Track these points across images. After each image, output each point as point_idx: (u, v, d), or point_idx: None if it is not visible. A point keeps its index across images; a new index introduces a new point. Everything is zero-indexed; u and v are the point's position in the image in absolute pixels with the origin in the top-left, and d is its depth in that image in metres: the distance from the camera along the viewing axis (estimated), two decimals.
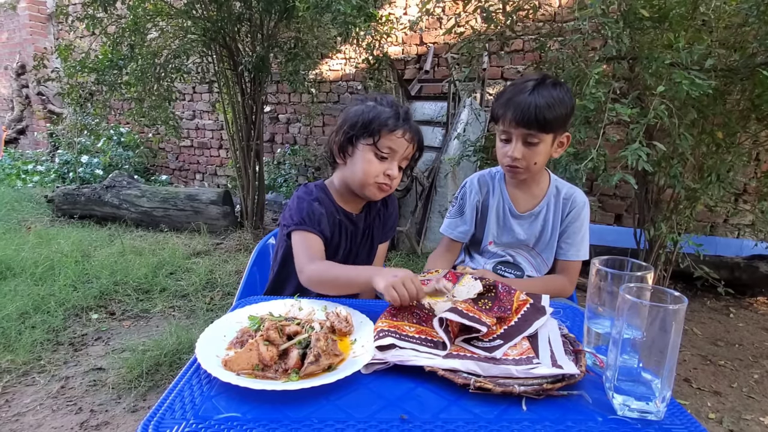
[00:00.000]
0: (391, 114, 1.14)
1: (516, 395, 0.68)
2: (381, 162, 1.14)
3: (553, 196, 1.33)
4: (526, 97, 1.16)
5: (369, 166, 1.14)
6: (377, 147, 1.13)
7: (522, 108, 1.16)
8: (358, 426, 0.62)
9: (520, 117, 1.17)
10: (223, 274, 3.02)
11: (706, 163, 2.18)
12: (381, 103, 1.17)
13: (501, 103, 1.22)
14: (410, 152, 1.18)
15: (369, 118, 1.14)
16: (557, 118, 1.17)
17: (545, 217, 1.33)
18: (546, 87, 1.17)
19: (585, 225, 1.32)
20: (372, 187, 1.17)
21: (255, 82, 3.71)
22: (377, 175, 1.14)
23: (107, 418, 1.65)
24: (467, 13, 2.40)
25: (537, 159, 1.22)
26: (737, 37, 1.99)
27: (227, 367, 0.72)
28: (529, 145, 1.20)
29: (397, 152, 1.15)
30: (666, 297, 0.66)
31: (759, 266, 2.83)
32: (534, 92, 1.16)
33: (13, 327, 2.15)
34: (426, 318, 0.89)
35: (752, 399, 1.88)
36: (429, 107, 3.88)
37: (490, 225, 1.37)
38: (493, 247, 1.37)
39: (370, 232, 1.30)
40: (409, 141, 1.15)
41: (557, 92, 1.17)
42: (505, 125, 1.21)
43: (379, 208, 1.31)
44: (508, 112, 1.19)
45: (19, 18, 6.54)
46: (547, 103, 1.15)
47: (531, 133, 1.18)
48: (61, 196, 4.37)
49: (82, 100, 3.92)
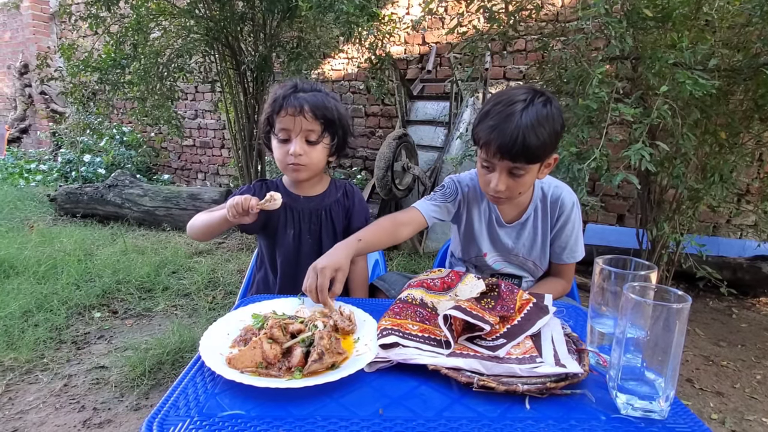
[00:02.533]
0: (279, 96, 1.19)
1: (519, 394, 0.68)
2: (284, 144, 1.20)
3: (539, 200, 1.26)
4: (512, 127, 1.02)
5: (276, 152, 1.22)
6: (275, 132, 1.20)
7: (508, 139, 1.02)
8: (362, 424, 0.63)
9: (505, 149, 1.03)
10: (225, 273, 3.03)
11: (709, 164, 2.17)
12: (279, 89, 1.22)
13: (484, 128, 1.07)
14: (306, 125, 1.18)
15: (267, 110, 1.21)
16: (546, 146, 1.05)
17: (533, 224, 1.27)
18: (534, 107, 1.03)
19: (577, 226, 1.27)
20: (288, 170, 1.23)
21: (257, 81, 3.71)
22: (284, 159, 1.20)
23: (110, 416, 1.65)
24: (470, 13, 2.40)
25: (522, 189, 1.13)
26: (740, 37, 1.98)
27: (231, 364, 0.73)
28: (514, 177, 1.09)
29: (290, 130, 1.18)
30: (670, 296, 0.66)
31: (762, 267, 2.83)
32: (521, 117, 1.02)
33: (16, 325, 2.16)
34: (429, 317, 0.89)
35: (755, 399, 1.88)
36: (431, 107, 3.88)
37: (480, 237, 1.31)
38: (488, 259, 1.32)
39: (327, 215, 1.31)
40: (294, 114, 1.16)
41: (546, 115, 1.04)
42: (489, 155, 1.08)
43: (338, 197, 1.33)
44: (492, 141, 1.04)
45: (22, 17, 6.56)
46: (535, 133, 1.02)
47: (517, 166, 1.06)
48: (63, 195, 4.38)
49: (84, 99, 3.93)
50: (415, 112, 3.93)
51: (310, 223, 1.29)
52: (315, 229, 1.30)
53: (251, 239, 3.79)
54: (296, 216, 1.29)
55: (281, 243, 1.29)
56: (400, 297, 0.96)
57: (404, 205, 3.75)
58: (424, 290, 1.00)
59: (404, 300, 0.94)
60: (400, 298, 0.96)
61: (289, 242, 1.28)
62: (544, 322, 0.86)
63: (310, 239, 1.30)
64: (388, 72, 3.63)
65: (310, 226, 1.29)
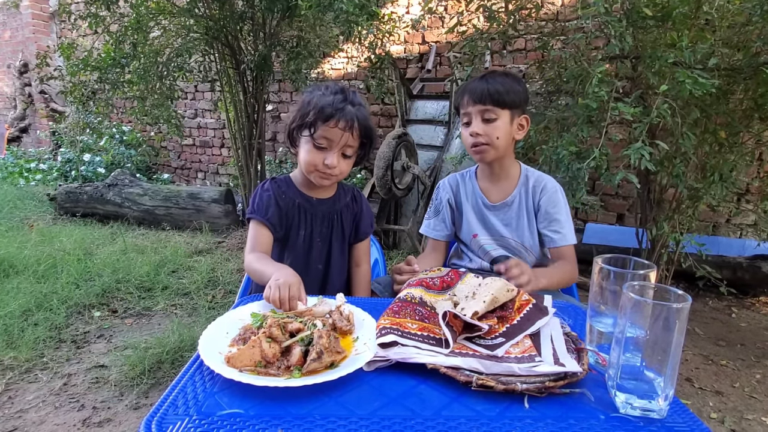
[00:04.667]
0: (328, 104, 1.15)
1: (518, 393, 0.68)
2: (319, 152, 1.18)
3: (523, 184, 1.37)
4: (479, 81, 1.30)
5: (308, 156, 1.19)
6: (314, 138, 1.17)
7: (477, 88, 1.29)
8: (361, 423, 0.63)
9: (476, 96, 1.28)
10: (224, 272, 3.03)
11: (708, 163, 2.17)
12: (326, 92, 1.19)
13: (459, 92, 1.36)
14: (350, 141, 1.18)
15: (307, 110, 1.17)
16: (509, 93, 1.28)
17: (519, 205, 1.36)
18: (497, 75, 1.31)
19: (563, 209, 1.34)
20: (313, 176, 1.21)
21: (257, 80, 3.71)
22: (316, 165, 1.18)
23: (109, 415, 1.65)
24: (469, 12, 2.40)
25: (498, 134, 1.29)
26: (741, 36, 1.98)
27: (230, 363, 0.73)
28: (487, 122, 1.29)
29: (333, 142, 1.17)
30: (669, 295, 0.66)
31: (761, 266, 2.83)
32: (486, 77, 1.30)
33: (15, 324, 2.16)
34: (428, 316, 0.89)
35: (754, 399, 1.88)
36: (431, 106, 3.88)
37: (468, 218, 1.42)
38: (479, 240, 1.40)
39: (338, 219, 1.31)
40: (344, 130, 1.15)
41: (508, 77, 1.31)
42: (464, 107, 1.32)
43: (347, 202, 1.33)
44: (465, 95, 1.32)
45: (22, 16, 6.55)
46: (499, 82, 1.28)
47: (487, 108, 1.28)
48: (63, 195, 4.38)
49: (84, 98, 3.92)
50: (414, 112, 3.93)
51: (321, 226, 1.29)
52: (326, 232, 1.29)
53: None
54: (309, 218, 1.28)
55: (292, 244, 1.28)
56: (399, 296, 0.96)
57: (404, 204, 3.75)
58: (423, 289, 1.00)
59: (403, 299, 0.94)
60: (399, 296, 0.96)
61: (300, 244, 1.27)
62: (543, 323, 0.86)
63: (320, 242, 1.29)
64: (388, 71, 3.62)
65: (321, 229, 1.29)
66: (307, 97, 1.19)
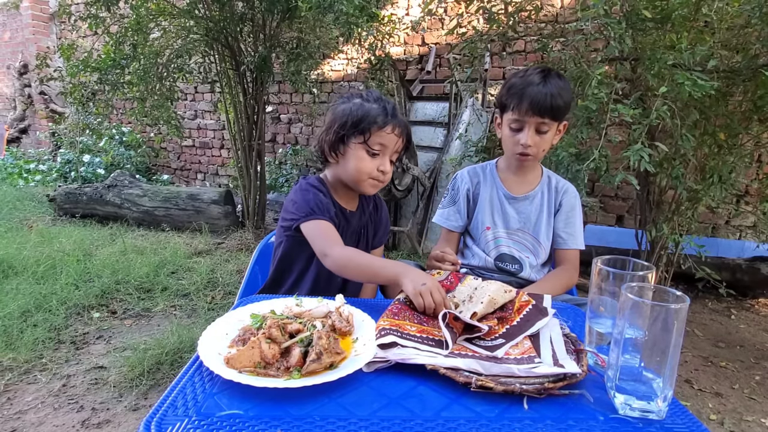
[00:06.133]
0: (380, 111, 1.16)
1: (517, 394, 0.68)
2: (373, 158, 1.17)
3: (546, 184, 1.40)
4: (540, 88, 1.24)
5: (362, 164, 1.17)
6: (368, 145, 1.15)
7: (538, 98, 1.23)
8: (360, 424, 0.62)
9: (536, 106, 1.23)
10: (224, 274, 3.03)
11: (708, 164, 2.17)
12: (367, 100, 1.19)
13: (513, 93, 1.27)
14: (400, 146, 1.20)
15: (358, 116, 1.15)
16: (566, 106, 1.27)
17: (540, 201, 1.39)
18: (553, 77, 1.26)
19: (579, 216, 1.39)
20: (366, 183, 1.19)
21: (257, 82, 3.71)
22: (370, 172, 1.17)
23: (108, 416, 1.65)
24: (469, 14, 2.40)
25: (545, 146, 1.31)
26: (740, 38, 1.99)
27: (229, 364, 0.73)
28: (540, 134, 1.28)
29: (387, 147, 1.17)
30: (668, 296, 0.66)
31: (760, 268, 2.83)
32: (545, 83, 1.24)
33: (15, 325, 2.16)
34: (427, 318, 0.89)
35: (753, 400, 1.88)
36: (431, 108, 3.88)
37: (483, 212, 1.42)
38: (490, 233, 1.40)
39: (364, 232, 1.30)
40: (399, 135, 1.17)
41: (562, 82, 1.27)
42: (520, 114, 1.26)
43: (370, 211, 1.32)
44: (524, 101, 1.24)
45: (22, 17, 6.56)
46: (559, 93, 1.24)
47: (544, 121, 1.25)
48: (62, 196, 4.38)
49: (84, 99, 3.93)
50: (414, 113, 3.94)
51: (350, 240, 1.26)
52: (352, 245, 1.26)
53: (250, 239, 3.78)
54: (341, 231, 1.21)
55: None
56: (399, 298, 0.96)
57: (403, 205, 3.76)
58: None
59: (402, 301, 0.94)
60: (398, 299, 0.96)
61: None
62: (542, 324, 0.86)
63: None
64: (388, 72, 3.63)
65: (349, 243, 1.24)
66: (346, 107, 1.18)
